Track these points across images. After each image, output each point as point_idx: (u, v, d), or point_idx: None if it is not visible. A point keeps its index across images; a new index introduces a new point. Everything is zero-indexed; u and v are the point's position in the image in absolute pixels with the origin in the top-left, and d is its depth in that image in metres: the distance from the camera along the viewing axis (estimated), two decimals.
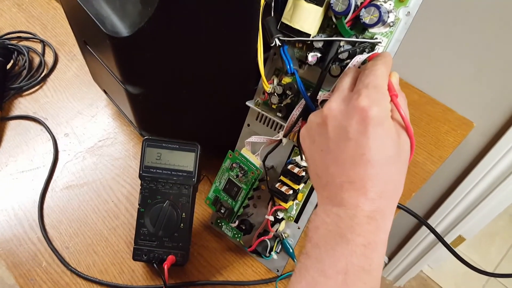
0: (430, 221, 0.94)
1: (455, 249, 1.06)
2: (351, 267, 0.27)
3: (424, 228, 0.97)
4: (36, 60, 0.78)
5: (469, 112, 0.71)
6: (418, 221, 0.94)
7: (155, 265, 0.48)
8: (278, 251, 0.49)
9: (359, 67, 0.35)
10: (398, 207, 0.61)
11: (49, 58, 0.78)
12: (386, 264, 1.19)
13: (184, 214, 0.48)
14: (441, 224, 0.93)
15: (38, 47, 0.80)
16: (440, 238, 0.66)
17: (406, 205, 0.62)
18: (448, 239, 0.97)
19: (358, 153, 0.28)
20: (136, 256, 0.49)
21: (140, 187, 0.48)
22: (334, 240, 0.28)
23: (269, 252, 0.49)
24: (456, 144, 0.68)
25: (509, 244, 1.40)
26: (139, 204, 0.48)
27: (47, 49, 0.80)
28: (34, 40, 0.81)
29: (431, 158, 0.65)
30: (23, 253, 0.54)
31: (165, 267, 0.46)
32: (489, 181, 0.78)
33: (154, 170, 0.48)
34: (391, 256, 1.17)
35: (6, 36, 0.81)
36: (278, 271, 0.51)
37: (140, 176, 0.48)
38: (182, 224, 0.48)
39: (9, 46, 0.77)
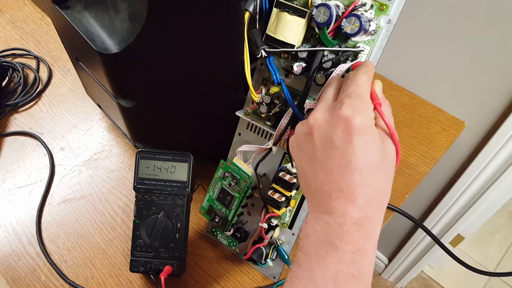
0: (427, 222, 0.94)
1: (455, 248, 1.06)
2: (341, 274, 0.28)
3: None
4: (31, 76, 0.79)
5: (460, 112, 0.72)
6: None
7: (152, 276, 0.49)
8: (273, 258, 0.50)
9: (342, 76, 0.36)
10: (394, 209, 0.61)
11: (43, 74, 0.79)
12: (386, 266, 1.20)
13: (179, 224, 0.49)
14: (438, 224, 0.93)
15: (32, 63, 0.81)
16: (436, 240, 0.67)
17: (401, 207, 0.63)
18: (447, 239, 0.97)
19: (344, 161, 0.29)
20: (133, 268, 0.49)
21: (135, 199, 0.49)
22: (323, 248, 0.29)
23: (265, 259, 0.49)
24: (448, 144, 0.68)
25: (509, 241, 1.40)
26: (134, 216, 0.49)
27: (42, 65, 0.81)
28: (28, 56, 0.82)
29: (423, 159, 0.66)
30: (22, 268, 0.54)
31: (162, 278, 0.47)
32: (483, 180, 0.79)
33: (148, 182, 0.49)
34: (391, 257, 1.17)
35: (0, 54, 0.82)
36: (274, 277, 0.52)
37: (135, 188, 0.49)
38: (177, 235, 0.49)
39: (4, 63, 0.78)
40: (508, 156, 0.72)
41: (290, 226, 0.48)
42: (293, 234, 0.49)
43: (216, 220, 0.49)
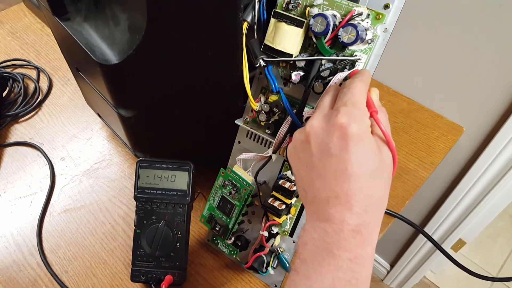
0: (428, 227, 0.94)
1: (457, 253, 1.05)
2: (338, 282, 0.28)
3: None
4: (31, 86, 0.79)
5: (458, 117, 0.72)
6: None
7: (153, 285, 0.48)
8: (274, 266, 0.50)
9: (340, 84, 0.37)
10: (394, 215, 0.61)
11: (43, 84, 0.80)
12: (388, 272, 1.19)
13: (179, 233, 0.49)
14: (439, 229, 0.93)
15: (32, 73, 0.81)
16: (437, 245, 0.67)
17: (402, 213, 0.63)
18: (448, 244, 0.97)
19: (341, 168, 0.29)
20: (134, 277, 0.49)
21: (136, 208, 0.49)
22: (321, 256, 0.29)
23: (266, 268, 0.49)
24: (447, 149, 0.69)
25: (511, 245, 1.40)
26: (135, 225, 0.49)
27: (42, 75, 0.81)
28: (28, 67, 0.83)
29: (422, 164, 0.66)
30: (23, 279, 0.54)
31: (163, 287, 0.47)
32: (483, 184, 0.79)
33: (149, 191, 0.49)
34: (392, 263, 1.17)
35: (1, 65, 0.82)
36: (275, 286, 0.51)
37: (135, 198, 0.49)
38: (178, 244, 0.49)
39: (4, 74, 0.78)
40: (507, 161, 0.72)
41: (291, 234, 0.48)
42: (294, 242, 0.49)
43: (217, 228, 0.50)
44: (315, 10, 0.38)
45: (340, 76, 0.36)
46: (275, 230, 0.48)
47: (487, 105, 0.70)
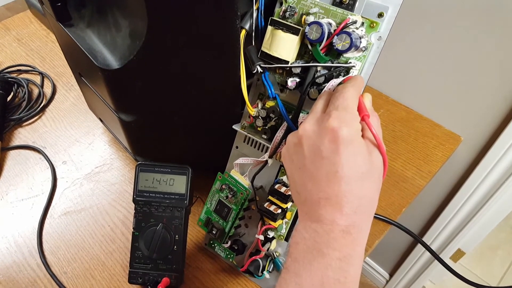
0: (427, 236, 0.94)
1: (457, 263, 1.05)
2: (327, 280, 0.29)
3: None
4: (35, 91, 0.81)
5: (456, 126, 0.73)
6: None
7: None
8: (270, 270, 0.50)
9: (334, 90, 0.38)
10: (390, 223, 0.62)
11: (47, 89, 0.81)
12: (387, 281, 1.19)
13: (177, 236, 0.49)
14: (438, 238, 0.93)
15: (37, 79, 0.83)
16: (435, 255, 0.67)
17: (400, 221, 0.63)
18: (447, 253, 0.97)
19: (332, 171, 0.30)
20: (131, 279, 0.50)
21: (134, 211, 0.50)
22: (311, 255, 0.30)
23: (262, 272, 0.50)
24: (444, 158, 0.69)
25: None
26: (133, 228, 0.50)
27: (46, 81, 0.83)
28: (33, 72, 0.85)
29: (420, 173, 0.67)
30: (22, 279, 0.55)
31: None
32: (481, 194, 0.79)
33: (148, 194, 0.50)
34: (391, 272, 1.17)
35: (6, 70, 0.84)
36: None
37: (134, 200, 0.50)
38: (175, 246, 0.49)
39: (9, 79, 0.80)
40: (505, 170, 0.73)
41: (287, 238, 0.49)
42: None
43: (214, 232, 0.50)
44: (311, 18, 0.39)
45: (334, 82, 0.37)
46: (271, 234, 0.48)
47: (485, 114, 0.70)
